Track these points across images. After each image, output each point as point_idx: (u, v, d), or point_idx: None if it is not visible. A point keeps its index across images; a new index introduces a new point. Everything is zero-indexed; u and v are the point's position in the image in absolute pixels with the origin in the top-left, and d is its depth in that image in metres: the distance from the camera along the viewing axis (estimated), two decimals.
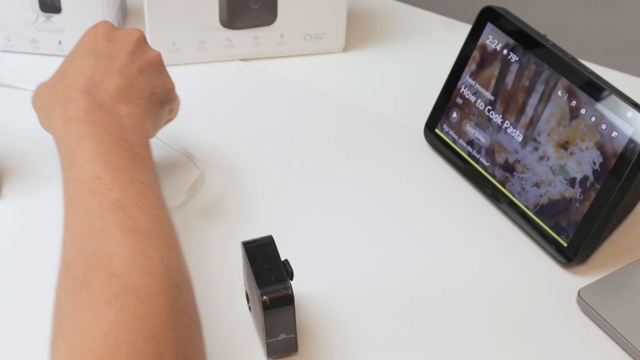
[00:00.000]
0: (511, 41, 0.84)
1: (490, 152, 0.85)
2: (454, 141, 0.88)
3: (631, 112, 0.75)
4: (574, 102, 0.79)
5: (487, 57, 0.86)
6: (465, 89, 0.88)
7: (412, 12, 1.11)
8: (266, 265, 0.68)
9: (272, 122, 0.93)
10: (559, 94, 0.80)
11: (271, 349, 0.69)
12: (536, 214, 0.81)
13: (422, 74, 1.01)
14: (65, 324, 0.58)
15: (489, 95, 0.86)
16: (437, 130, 0.90)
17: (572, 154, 0.79)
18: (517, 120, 0.83)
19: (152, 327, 0.56)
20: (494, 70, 0.85)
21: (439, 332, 0.74)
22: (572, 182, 0.79)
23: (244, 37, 1.00)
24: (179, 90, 0.95)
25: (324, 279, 0.77)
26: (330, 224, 0.83)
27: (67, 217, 0.64)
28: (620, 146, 0.76)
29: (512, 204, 0.83)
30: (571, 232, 0.78)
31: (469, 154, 0.87)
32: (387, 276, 0.78)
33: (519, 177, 0.82)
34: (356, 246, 0.81)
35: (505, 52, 0.84)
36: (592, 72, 0.79)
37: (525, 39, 0.83)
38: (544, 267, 0.79)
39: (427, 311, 0.75)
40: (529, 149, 0.82)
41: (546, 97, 0.81)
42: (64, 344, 0.57)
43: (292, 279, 0.68)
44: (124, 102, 0.71)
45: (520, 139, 0.83)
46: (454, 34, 1.06)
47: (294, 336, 0.69)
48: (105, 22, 0.78)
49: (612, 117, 0.76)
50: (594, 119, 0.78)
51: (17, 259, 0.78)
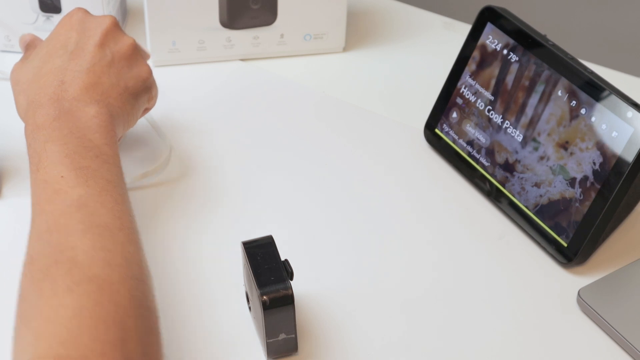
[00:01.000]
0: (511, 41, 0.84)
1: (490, 152, 0.85)
2: (454, 141, 0.88)
3: (631, 112, 0.75)
4: (574, 102, 0.79)
5: (487, 57, 0.86)
6: (465, 89, 0.88)
7: (412, 12, 1.11)
8: (266, 265, 0.68)
9: (272, 122, 0.93)
10: (559, 94, 0.80)
11: (271, 349, 0.69)
12: (536, 214, 0.81)
13: (422, 74, 1.01)
14: (29, 311, 0.59)
15: (489, 95, 0.86)
16: (437, 130, 0.90)
17: (572, 154, 0.79)
18: (517, 120, 0.83)
19: (114, 314, 0.58)
20: (494, 70, 0.85)
21: (439, 332, 0.74)
22: (572, 182, 0.79)
23: (244, 37, 1.00)
24: (178, 90, 0.95)
25: (324, 279, 0.77)
26: (330, 223, 0.83)
27: (33, 216, 0.66)
28: (620, 146, 0.76)
29: (512, 204, 0.83)
30: (571, 232, 0.78)
31: (469, 154, 0.87)
32: (386, 276, 0.78)
33: (519, 177, 0.82)
34: (356, 246, 0.80)
35: (505, 52, 0.84)
36: (592, 72, 0.79)
37: (525, 39, 0.83)
38: (544, 267, 0.79)
39: (427, 311, 0.75)
40: (529, 149, 0.82)
41: (546, 97, 0.81)
42: (28, 330, 0.58)
43: (292, 279, 0.68)
44: (92, 103, 0.73)
45: (520, 139, 0.83)
46: (454, 34, 1.06)
47: (294, 336, 0.69)
48: (78, 10, 0.79)
49: (612, 117, 0.76)
50: (594, 119, 0.78)
51: (17, 259, 0.78)
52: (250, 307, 0.73)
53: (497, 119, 0.85)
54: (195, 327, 0.73)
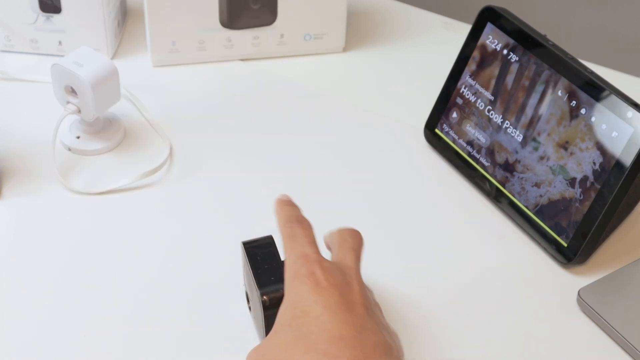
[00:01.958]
0: (511, 41, 0.84)
1: (490, 152, 0.85)
2: (454, 141, 0.88)
3: (631, 112, 0.75)
4: (574, 102, 0.79)
5: (487, 57, 0.86)
6: (465, 89, 0.88)
7: (412, 12, 1.11)
8: (266, 265, 0.68)
9: (272, 122, 0.93)
10: (559, 94, 0.80)
11: None
12: (536, 214, 0.81)
13: (422, 74, 1.01)
14: None
15: (489, 95, 0.86)
16: (437, 130, 0.90)
17: (572, 154, 0.79)
18: (517, 120, 0.83)
19: None
20: (494, 70, 0.85)
21: (439, 332, 0.74)
22: (572, 182, 0.79)
23: (244, 37, 1.00)
24: (178, 90, 0.95)
25: None
26: (329, 223, 0.83)
27: None
28: (620, 146, 0.76)
29: (512, 204, 0.83)
30: (571, 232, 0.78)
31: (469, 154, 0.87)
32: (386, 276, 0.78)
33: (519, 177, 0.82)
34: None
35: (505, 52, 0.84)
36: (592, 72, 0.79)
37: (525, 39, 0.83)
38: (544, 267, 0.79)
39: (427, 311, 0.75)
40: (529, 149, 0.82)
41: (546, 97, 0.81)
42: None
43: None
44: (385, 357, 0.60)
45: (520, 139, 0.83)
46: (454, 34, 1.06)
47: None
48: (315, 268, 0.63)
49: (612, 117, 0.76)
50: (594, 119, 0.78)
51: (17, 259, 0.78)
52: (250, 307, 0.73)
53: (497, 119, 0.85)
54: (195, 327, 0.73)
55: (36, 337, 0.71)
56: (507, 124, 0.84)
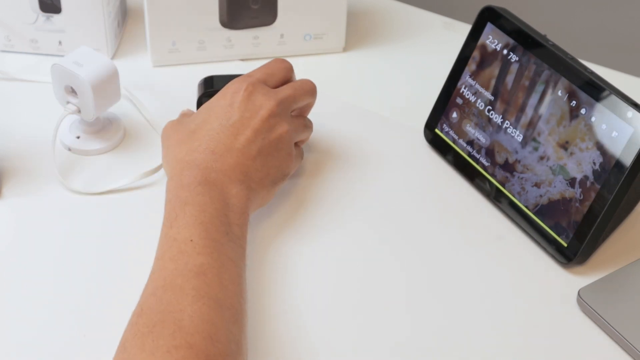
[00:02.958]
0: (511, 41, 0.84)
1: (490, 152, 0.85)
2: (454, 141, 0.88)
3: (631, 112, 0.75)
4: (574, 102, 0.79)
5: (487, 57, 0.86)
6: (465, 89, 0.88)
7: (412, 12, 1.11)
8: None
9: None
10: (559, 94, 0.80)
11: None
12: (536, 214, 0.81)
13: (422, 74, 1.01)
14: None
15: (489, 95, 0.86)
16: (437, 130, 0.90)
17: (572, 154, 0.79)
18: (517, 120, 0.83)
19: None
20: (494, 70, 0.85)
21: (439, 332, 0.74)
22: (572, 182, 0.79)
23: (244, 37, 1.00)
24: (178, 90, 0.95)
25: (322, 278, 0.77)
26: (329, 223, 0.83)
27: (154, 269, 0.69)
28: (620, 146, 0.76)
29: (512, 204, 0.83)
30: (571, 232, 0.78)
31: (469, 154, 0.87)
32: (386, 275, 0.78)
33: (519, 177, 0.82)
34: (355, 245, 0.80)
35: (505, 52, 0.84)
36: (592, 72, 0.79)
37: (525, 39, 0.83)
38: (544, 267, 0.79)
39: (427, 310, 0.75)
40: (529, 149, 0.82)
41: (546, 97, 0.81)
42: None
43: None
44: (236, 182, 0.75)
45: (520, 139, 0.83)
46: (454, 34, 1.06)
47: None
48: (247, 87, 0.79)
49: (612, 117, 0.76)
50: (594, 119, 0.78)
51: (17, 258, 0.78)
52: None
53: (497, 119, 0.85)
54: None
55: (36, 337, 0.71)
56: (507, 124, 0.84)
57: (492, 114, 0.85)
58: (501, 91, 0.84)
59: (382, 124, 0.94)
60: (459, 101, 0.88)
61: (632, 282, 0.77)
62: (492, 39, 0.85)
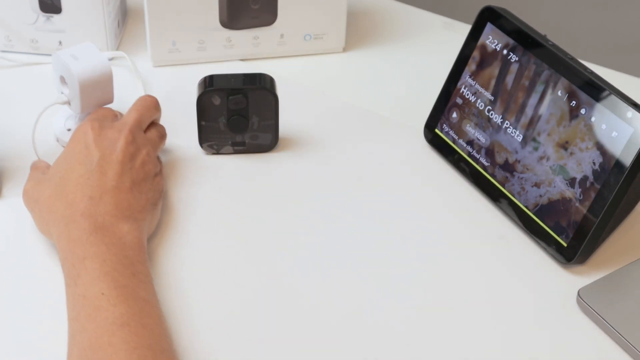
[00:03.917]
0: (511, 41, 0.84)
1: (490, 152, 0.85)
2: (454, 141, 0.88)
3: (631, 112, 0.75)
4: (574, 102, 0.79)
5: (487, 57, 0.86)
6: (465, 89, 0.88)
7: (412, 12, 1.11)
8: None
9: None
10: (559, 94, 0.80)
11: None
12: (536, 214, 0.81)
13: (422, 74, 1.01)
14: None
15: (489, 95, 0.86)
16: (437, 130, 0.90)
17: (572, 154, 0.79)
18: (517, 120, 0.83)
19: None
20: (494, 70, 0.85)
21: (439, 332, 0.74)
22: (572, 182, 0.79)
23: (244, 37, 1.00)
24: (178, 90, 0.95)
25: (321, 277, 0.77)
26: (329, 223, 0.83)
27: (72, 332, 0.67)
28: (620, 146, 0.76)
29: (512, 204, 0.83)
30: (571, 232, 0.78)
31: (469, 154, 0.87)
32: (386, 275, 0.78)
33: (518, 177, 0.82)
34: (355, 245, 0.80)
35: (505, 52, 0.84)
36: (592, 72, 0.79)
37: (525, 39, 0.83)
38: (544, 267, 0.79)
39: (426, 310, 0.75)
40: (528, 149, 0.82)
41: (546, 97, 0.81)
42: None
43: None
44: (124, 219, 0.74)
45: (520, 139, 0.83)
46: (454, 34, 1.06)
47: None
48: (92, 127, 0.79)
49: (612, 117, 0.76)
50: (593, 119, 0.78)
51: (17, 258, 0.78)
52: None
53: (497, 119, 0.85)
54: (196, 326, 0.73)
55: (36, 337, 0.71)
56: (507, 124, 0.84)
57: (492, 114, 0.85)
58: (501, 91, 0.85)
59: (382, 124, 0.94)
60: (459, 101, 0.88)
61: (632, 282, 0.77)
62: (492, 39, 0.85)
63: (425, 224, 0.83)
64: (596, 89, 0.78)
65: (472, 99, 0.87)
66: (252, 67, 1.01)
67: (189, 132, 0.90)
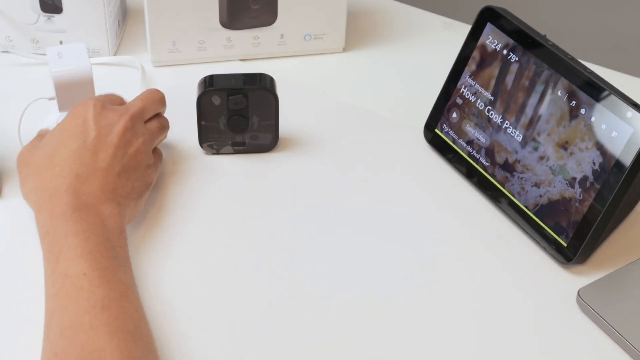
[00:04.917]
0: (511, 41, 0.84)
1: (490, 152, 0.85)
2: (454, 141, 0.88)
3: (631, 112, 0.75)
4: (574, 102, 0.79)
5: (487, 57, 0.86)
6: (465, 89, 0.88)
7: (412, 12, 1.11)
8: None
9: None
10: (559, 94, 0.80)
11: None
12: (536, 214, 0.81)
13: (422, 74, 1.02)
14: None
15: (488, 95, 0.86)
16: (437, 130, 0.90)
17: (571, 154, 0.79)
18: (517, 120, 0.83)
19: None
20: (494, 70, 0.85)
21: (439, 331, 0.74)
22: (571, 182, 0.79)
23: (244, 37, 1.00)
24: (179, 90, 0.95)
25: (322, 277, 0.77)
26: (329, 222, 0.83)
27: (51, 307, 0.67)
28: (620, 146, 0.76)
29: (512, 204, 0.83)
30: (571, 232, 0.78)
31: (469, 154, 0.87)
32: (386, 275, 0.78)
33: (518, 177, 0.83)
34: (355, 245, 0.81)
35: (505, 52, 0.84)
36: (592, 72, 0.79)
37: (525, 39, 0.83)
38: (544, 267, 0.79)
39: (427, 310, 0.75)
40: (528, 149, 0.82)
41: (546, 97, 0.81)
42: None
43: None
44: (106, 202, 0.74)
45: (520, 139, 0.83)
46: (454, 34, 1.06)
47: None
48: (95, 104, 0.79)
49: (611, 117, 0.76)
50: (593, 119, 0.78)
51: (17, 258, 0.78)
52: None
53: (497, 119, 0.85)
54: (198, 326, 0.73)
55: (36, 337, 0.71)
56: (507, 124, 0.84)
57: (492, 114, 0.85)
58: (501, 91, 0.85)
59: (381, 123, 0.94)
60: (459, 101, 0.88)
61: (631, 282, 0.77)
62: (492, 39, 0.85)
63: (425, 224, 0.83)
64: (596, 89, 0.78)
65: (472, 99, 0.87)
66: (252, 67, 1.01)
67: (189, 132, 0.90)
